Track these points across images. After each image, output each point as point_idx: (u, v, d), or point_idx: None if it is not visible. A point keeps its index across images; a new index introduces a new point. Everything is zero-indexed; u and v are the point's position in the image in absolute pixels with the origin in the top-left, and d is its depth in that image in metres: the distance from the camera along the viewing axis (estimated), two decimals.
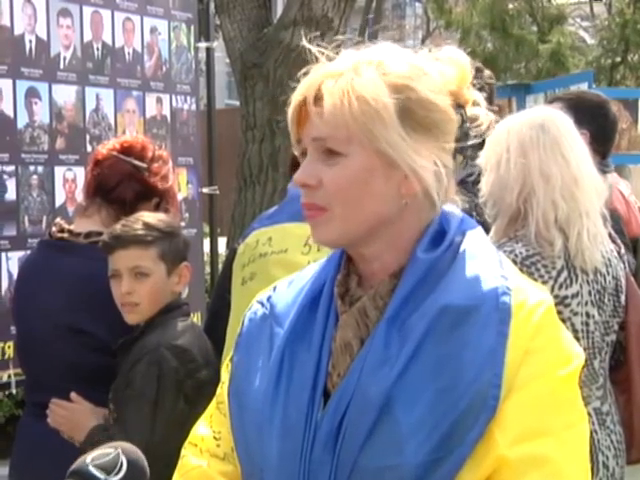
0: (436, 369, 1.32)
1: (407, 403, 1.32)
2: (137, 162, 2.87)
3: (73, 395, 2.60)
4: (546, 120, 2.64)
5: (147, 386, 2.45)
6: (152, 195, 2.90)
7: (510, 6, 15.84)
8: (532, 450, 1.30)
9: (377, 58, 1.40)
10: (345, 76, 1.38)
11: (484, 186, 2.62)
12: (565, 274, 2.58)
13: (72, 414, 2.59)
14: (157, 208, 2.91)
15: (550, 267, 2.56)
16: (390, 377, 1.33)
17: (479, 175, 2.63)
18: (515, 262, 2.45)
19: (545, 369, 1.34)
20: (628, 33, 15.28)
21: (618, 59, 15.87)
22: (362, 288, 1.45)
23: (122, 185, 2.84)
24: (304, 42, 1.44)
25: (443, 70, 1.44)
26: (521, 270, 1.79)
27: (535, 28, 16.13)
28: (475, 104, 1.50)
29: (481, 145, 1.48)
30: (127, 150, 2.89)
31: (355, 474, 1.33)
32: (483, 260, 1.40)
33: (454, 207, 1.48)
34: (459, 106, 1.45)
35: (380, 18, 26.29)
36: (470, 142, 1.48)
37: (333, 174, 1.38)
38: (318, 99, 1.38)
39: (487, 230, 2.52)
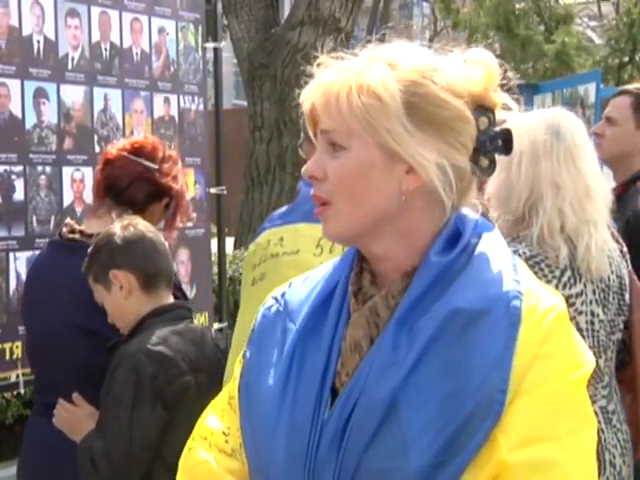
0: (444, 372, 1.31)
1: (414, 406, 1.31)
2: (148, 163, 2.88)
3: (75, 396, 2.61)
4: (562, 126, 2.61)
5: (124, 393, 2.44)
6: (163, 196, 2.92)
7: (517, 6, 15.86)
8: (534, 455, 1.28)
9: (389, 54, 1.41)
10: (352, 70, 1.39)
11: (490, 184, 2.59)
12: (569, 273, 2.57)
13: (72, 417, 2.60)
14: (167, 208, 2.93)
15: (554, 266, 2.55)
16: (397, 379, 1.32)
17: None
18: None
19: (552, 375, 1.32)
20: (636, 33, 15.29)
21: (626, 59, 15.88)
22: (375, 287, 1.44)
23: (133, 186, 2.85)
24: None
25: (468, 71, 1.42)
26: None
27: (542, 28, 16.14)
28: (506, 108, 1.47)
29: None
30: (138, 150, 2.90)
31: (358, 475, 1.33)
32: (497, 263, 1.39)
33: (471, 210, 1.46)
34: (487, 109, 1.42)
35: (387, 18, 26.27)
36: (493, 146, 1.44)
37: (335, 166, 1.40)
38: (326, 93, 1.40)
39: None
